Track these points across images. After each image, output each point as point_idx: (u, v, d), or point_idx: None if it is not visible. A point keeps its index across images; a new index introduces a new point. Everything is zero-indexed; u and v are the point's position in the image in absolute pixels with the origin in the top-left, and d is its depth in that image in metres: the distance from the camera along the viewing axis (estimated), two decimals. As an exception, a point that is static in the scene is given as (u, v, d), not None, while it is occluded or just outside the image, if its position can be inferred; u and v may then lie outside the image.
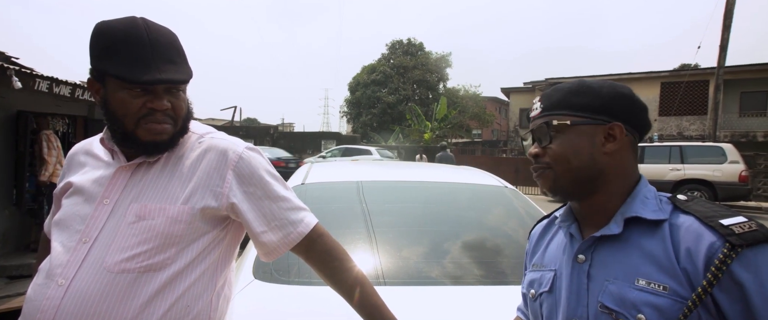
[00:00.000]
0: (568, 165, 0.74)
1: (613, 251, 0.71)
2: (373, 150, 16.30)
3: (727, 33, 11.38)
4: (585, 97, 0.74)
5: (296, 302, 1.26)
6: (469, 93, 29.13)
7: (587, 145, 0.73)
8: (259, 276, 1.36)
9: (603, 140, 0.73)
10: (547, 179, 0.77)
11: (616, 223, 0.71)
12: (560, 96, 0.76)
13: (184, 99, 0.94)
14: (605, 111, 0.73)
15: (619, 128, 0.72)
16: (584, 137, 0.73)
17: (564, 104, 0.75)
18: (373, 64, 29.96)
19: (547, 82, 20.56)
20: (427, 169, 2.45)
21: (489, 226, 1.85)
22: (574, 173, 0.73)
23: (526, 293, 0.88)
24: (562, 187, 0.76)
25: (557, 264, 0.79)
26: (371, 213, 1.79)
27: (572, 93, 0.75)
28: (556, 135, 0.75)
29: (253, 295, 1.28)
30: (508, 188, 2.07)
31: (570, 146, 0.74)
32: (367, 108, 28.50)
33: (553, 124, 0.75)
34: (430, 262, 1.52)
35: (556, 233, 0.85)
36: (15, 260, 4.28)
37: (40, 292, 0.85)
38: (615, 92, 0.74)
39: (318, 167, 2.27)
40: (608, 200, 0.74)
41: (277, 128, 27.19)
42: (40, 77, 3.92)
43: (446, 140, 23.64)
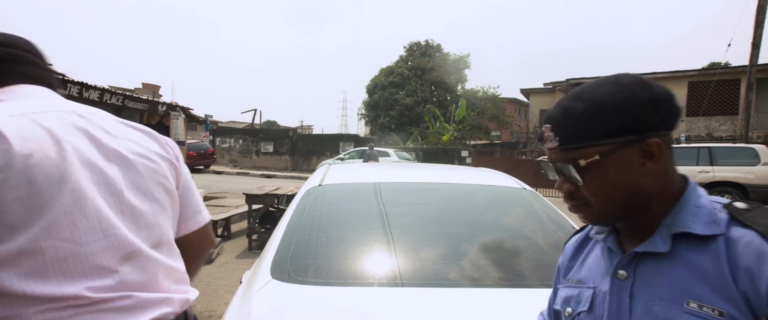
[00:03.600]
0: (611, 201, 0.65)
1: (659, 267, 0.63)
2: (391, 151, 16.31)
3: (759, 29, 10.93)
4: (605, 118, 0.63)
5: (313, 302, 1.27)
6: (487, 94, 28.81)
7: (626, 173, 0.63)
8: (276, 276, 1.37)
9: (640, 160, 0.63)
10: (588, 215, 0.68)
11: (663, 238, 0.63)
12: (576, 124, 0.65)
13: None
14: (633, 127, 0.62)
15: (656, 144, 0.62)
16: (620, 166, 0.63)
17: (584, 134, 0.64)
18: (390, 66, 30.00)
19: (567, 82, 20.15)
20: (444, 171, 2.44)
21: (507, 228, 1.83)
22: (618, 205, 0.65)
23: (560, 310, 0.80)
24: (606, 219, 0.68)
25: (596, 281, 0.72)
26: (388, 215, 1.79)
27: (588, 117, 0.64)
28: (585, 172, 0.65)
29: (271, 295, 1.30)
30: (526, 190, 2.04)
31: (607, 181, 0.64)
32: (385, 110, 28.54)
33: (581, 165, 0.65)
34: (447, 264, 1.51)
35: (593, 246, 0.78)
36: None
37: None
38: (635, 99, 0.63)
39: (335, 168, 2.29)
40: (654, 216, 0.66)
41: (296, 130, 27.52)
42: (71, 82, 4.09)
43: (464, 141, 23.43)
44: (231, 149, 24.55)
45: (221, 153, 24.15)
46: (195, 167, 18.04)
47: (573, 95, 0.67)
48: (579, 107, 0.65)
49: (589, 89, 0.66)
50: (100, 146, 0.83)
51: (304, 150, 22.99)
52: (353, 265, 1.51)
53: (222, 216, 6.31)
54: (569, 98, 0.67)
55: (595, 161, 0.64)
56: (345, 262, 1.51)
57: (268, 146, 23.87)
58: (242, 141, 24.53)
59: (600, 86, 0.65)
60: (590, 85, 0.67)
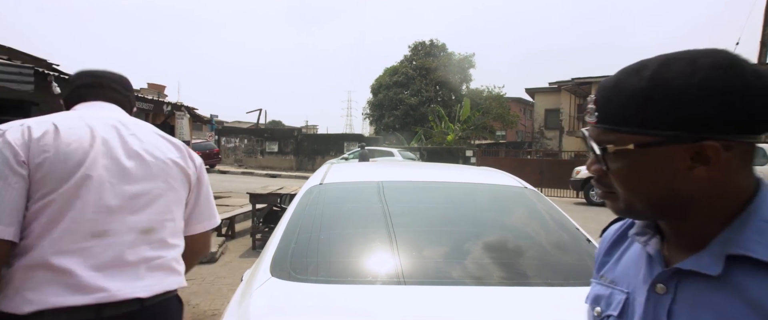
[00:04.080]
0: (639, 198, 0.56)
1: (707, 290, 0.53)
2: (395, 151, 16.32)
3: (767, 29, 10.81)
4: (656, 104, 0.52)
5: (312, 300, 1.28)
6: (492, 94, 28.73)
7: (664, 172, 0.53)
8: (276, 274, 1.38)
9: (689, 162, 0.52)
10: (614, 206, 0.61)
11: (714, 258, 0.52)
12: (621, 103, 0.55)
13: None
14: (692, 123, 0.51)
15: (713, 148, 0.50)
16: (659, 163, 0.53)
17: (626, 117, 0.54)
18: (395, 65, 30.00)
19: (573, 82, 20.04)
20: (445, 170, 2.44)
21: (508, 226, 1.83)
22: (647, 204, 0.56)
23: (589, 308, 0.73)
24: (634, 213, 0.59)
25: (630, 286, 0.64)
26: (389, 213, 1.80)
27: (637, 99, 0.53)
28: (616, 156, 0.56)
29: (270, 293, 1.30)
30: (528, 188, 2.04)
31: (638, 175, 0.55)
32: (390, 110, 28.55)
33: (609, 151, 0.56)
34: (447, 262, 1.51)
35: (632, 242, 0.68)
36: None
37: None
38: (704, 88, 0.50)
39: (336, 167, 2.30)
40: (703, 224, 0.55)
41: (301, 130, 27.62)
42: (77, 83, 4.13)
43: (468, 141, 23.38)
44: (236, 149, 24.67)
45: (226, 153, 24.28)
46: (201, 166, 18.12)
47: (636, 66, 0.56)
48: (633, 83, 0.54)
49: (658, 64, 0.54)
50: (125, 145, 1.11)
51: (308, 150, 23.07)
52: (353, 263, 1.51)
53: (226, 216, 6.35)
54: (629, 69, 0.57)
55: (628, 150, 0.55)
56: (345, 260, 1.52)
57: (273, 146, 23.97)
58: (247, 141, 24.64)
59: (672, 63, 0.53)
60: (662, 59, 0.54)
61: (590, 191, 11.48)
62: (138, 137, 1.13)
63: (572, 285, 1.42)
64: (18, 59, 4.09)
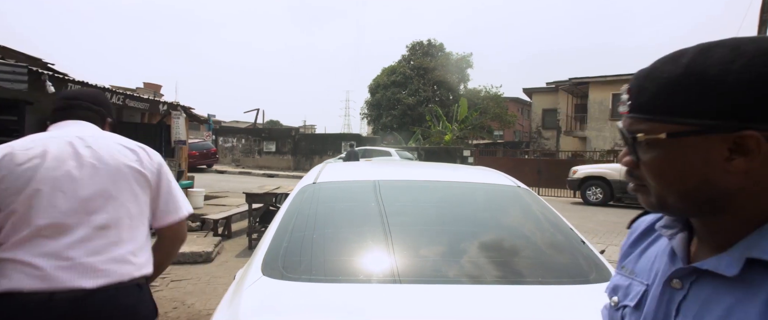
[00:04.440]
0: (670, 190, 0.53)
1: (720, 290, 0.51)
2: (393, 151, 16.33)
3: (764, 28, 10.83)
4: (693, 92, 0.49)
5: (303, 299, 1.28)
6: (490, 94, 28.77)
7: (697, 164, 0.50)
8: (267, 273, 1.38)
9: (727, 154, 0.49)
10: (645, 200, 0.58)
11: (734, 259, 0.50)
12: (654, 91, 0.52)
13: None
14: (730, 112, 0.48)
15: (755, 139, 0.47)
16: (690, 153, 0.51)
17: (658, 104, 0.52)
18: (393, 65, 30.01)
19: (570, 82, 20.09)
20: (439, 169, 2.44)
21: (501, 225, 1.83)
22: (679, 197, 0.53)
23: (608, 297, 0.72)
24: (666, 208, 0.56)
25: (650, 279, 0.63)
26: (382, 213, 1.80)
27: (671, 86, 0.51)
28: (648, 147, 0.54)
29: (261, 291, 1.30)
30: (521, 187, 2.04)
31: (669, 166, 0.52)
32: (388, 110, 28.56)
33: (639, 139, 0.54)
34: (440, 261, 1.51)
35: (658, 236, 0.66)
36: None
37: None
38: (747, 74, 0.47)
39: (330, 166, 2.30)
40: (736, 224, 0.52)
41: (298, 129, 27.59)
42: (72, 82, 4.12)
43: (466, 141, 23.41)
44: (233, 149, 24.63)
45: (224, 153, 24.24)
46: (197, 166, 18.11)
47: (673, 55, 0.53)
48: (668, 70, 0.52)
49: (697, 51, 0.51)
50: (78, 157, 1.29)
51: (306, 150, 23.05)
52: (345, 262, 1.51)
53: (222, 215, 6.34)
54: (666, 57, 0.54)
55: (659, 139, 0.52)
56: (336, 259, 1.52)
57: (271, 146, 23.94)
58: (245, 141, 24.60)
59: (712, 50, 0.50)
60: (702, 46, 0.51)
61: (587, 191, 11.52)
62: (93, 148, 1.32)
63: (563, 284, 1.42)
64: (12, 58, 4.08)
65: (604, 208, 10.78)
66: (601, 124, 18.87)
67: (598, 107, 18.93)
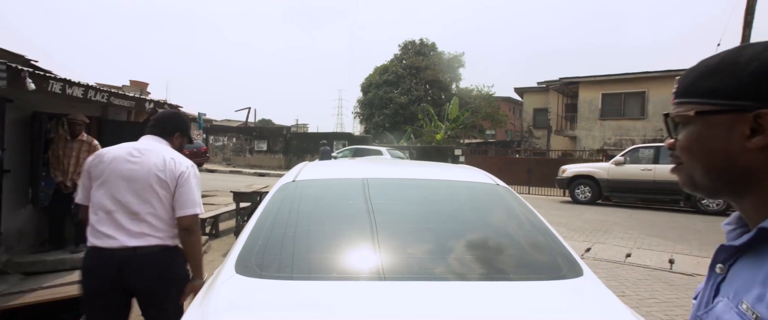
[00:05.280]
0: (697, 163, 0.60)
1: (747, 265, 0.56)
2: (384, 150, 16.31)
3: (748, 29, 11.00)
4: (720, 76, 0.57)
5: (274, 296, 1.27)
6: (482, 93, 28.86)
7: (720, 140, 0.57)
8: (240, 271, 1.37)
9: (747, 132, 0.55)
10: (680, 178, 0.64)
11: (751, 232, 0.56)
12: (692, 78, 0.61)
13: None
14: (749, 93, 0.54)
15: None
16: (715, 130, 0.57)
17: (692, 89, 0.60)
18: (385, 64, 29.97)
19: (560, 81, 20.23)
20: (420, 167, 2.45)
21: (480, 222, 1.84)
22: (706, 171, 0.60)
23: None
24: (695, 185, 0.62)
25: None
26: (359, 210, 1.80)
27: (707, 71, 0.59)
28: (683, 127, 0.62)
29: (232, 289, 1.30)
30: (500, 185, 2.05)
31: (697, 141, 0.60)
32: (380, 109, 28.52)
33: (672, 117, 0.63)
34: (419, 257, 1.51)
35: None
36: (30, 256, 4.42)
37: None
38: (763, 64, 0.54)
39: (311, 165, 2.29)
40: (761, 205, 0.56)
41: (290, 128, 27.44)
42: (54, 79, 4.05)
43: (458, 140, 23.47)
44: (224, 148, 24.44)
45: (214, 151, 24.03)
46: (188, 165, 17.89)
47: (732, 48, 0.60)
48: (708, 61, 0.60)
49: (739, 46, 0.58)
50: (126, 163, 1.97)
51: (297, 148, 22.95)
52: (320, 259, 1.50)
53: (210, 214, 6.29)
54: (725, 50, 0.61)
55: (690, 117, 0.60)
56: (312, 256, 1.51)
57: (262, 145, 23.78)
58: (236, 139, 24.42)
59: (751, 46, 0.57)
60: (745, 44, 0.58)
61: (575, 189, 11.62)
62: (139, 157, 1.98)
63: (537, 280, 1.43)
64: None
65: (593, 206, 10.87)
66: (590, 123, 19.03)
67: (588, 107, 19.08)
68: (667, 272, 4.95)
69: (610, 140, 18.54)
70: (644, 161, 10.58)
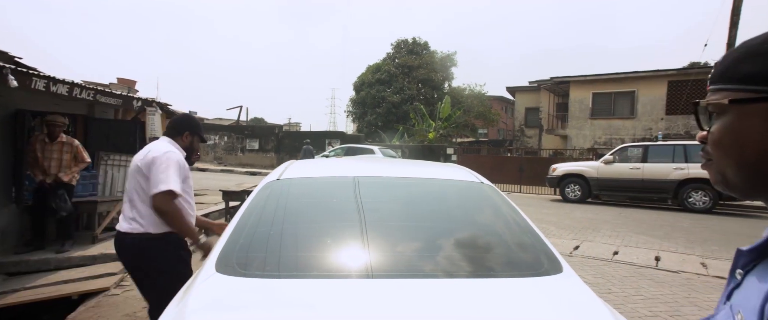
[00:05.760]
0: (729, 158, 0.54)
1: (761, 272, 0.52)
2: (376, 149, 16.30)
3: (734, 30, 11.19)
4: (762, 59, 0.50)
5: (253, 295, 1.26)
6: (474, 92, 28.97)
7: (757, 132, 0.50)
8: (220, 270, 1.36)
9: None
10: (710, 174, 0.58)
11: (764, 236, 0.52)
12: (730, 62, 0.55)
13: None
14: None
15: None
16: (752, 120, 0.51)
17: (729, 73, 0.54)
18: (378, 63, 29.94)
19: (552, 81, 20.38)
20: (406, 165, 2.45)
21: (462, 220, 1.85)
22: (739, 168, 0.53)
23: None
24: (727, 184, 0.56)
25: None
26: (343, 208, 1.79)
27: (748, 53, 0.52)
28: (716, 117, 0.56)
29: (212, 288, 1.28)
30: (484, 183, 2.06)
31: (730, 132, 0.53)
32: (372, 108, 28.50)
33: (708, 108, 0.57)
34: (400, 255, 1.51)
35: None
36: (13, 257, 4.35)
37: None
38: None
39: (296, 163, 2.28)
40: None
41: (282, 127, 27.31)
42: (37, 76, 3.98)
43: (450, 139, 23.55)
44: (215, 146, 24.25)
45: (205, 150, 23.83)
46: (178, 164, 17.75)
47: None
48: (746, 44, 0.54)
49: None
50: (136, 159, 2.28)
51: (289, 147, 22.86)
52: (301, 258, 1.50)
53: (200, 214, 6.22)
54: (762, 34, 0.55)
55: (723, 105, 0.53)
56: (293, 255, 1.51)
57: (254, 143, 23.65)
58: (227, 138, 24.25)
59: None
60: None
61: (565, 188, 11.72)
62: (144, 154, 2.25)
63: (518, 277, 1.44)
64: (-27, 51, 3.92)
65: (582, 205, 10.98)
66: (581, 122, 19.20)
67: (578, 106, 19.25)
68: (652, 269, 5.02)
69: (600, 139, 18.72)
70: (633, 160, 10.71)
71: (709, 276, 4.77)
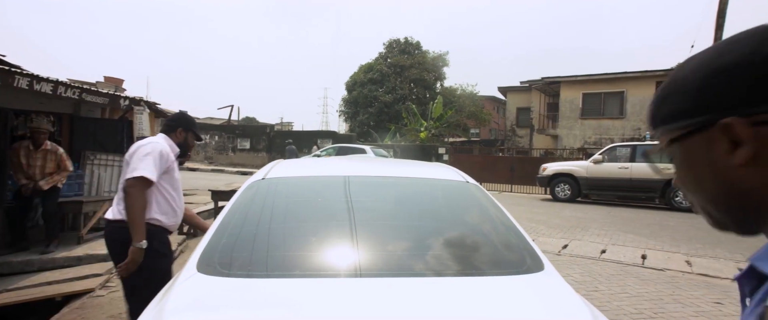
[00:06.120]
0: (699, 197, 0.53)
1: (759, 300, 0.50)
2: (368, 148, 16.29)
3: (719, 32, 11.35)
4: (673, 99, 0.52)
5: (235, 295, 1.26)
6: (466, 92, 29.08)
7: (705, 164, 0.50)
8: (201, 270, 1.36)
9: (727, 147, 0.48)
10: (703, 217, 0.56)
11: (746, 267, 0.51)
12: (655, 103, 0.55)
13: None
14: (702, 107, 0.49)
15: (737, 125, 0.46)
16: (697, 155, 0.51)
17: (658, 116, 0.55)
18: (370, 63, 29.92)
19: (543, 81, 20.54)
20: (392, 165, 2.45)
21: (446, 218, 1.86)
22: (712, 204, 0.52)
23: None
24: (713, 221, 0.54)
25: None
26: (327, 208, 1.79)
27: (661, 98, 0.54)
28: (674, 162, 0.55)
29: (192, 288, 1.28)
30: (470, 183, 2.07)
31: (688, 171, 0.53)
32: (364, 107, 28.48)
33: (648, 153, 0.58)
34: (381, 254, 1.51)
35: None
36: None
37: None
38: (708, 70, 0.49)
39: (282, 163, 2.28)
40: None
41: (274, 126, 27.17)
42: (20, 74, 3.91)
43: (442, 139, 23.62)
44: (206, 146, 24.05)
45: (196, 150, 23.63)
46: (168, 164, 17.58)
47: (678, 64, 0.54)
48: (666, 80, 0.55)
49: (694, 55, 0.53)
50: (128, 153, 2.30)
51: (281, 147, 22.73)
52: (283, 257, 1.49)
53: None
54: (675, 66, 0.54)
55: (666, 148, 0.54)
56: (275, 254, 1.50)
57: (245, 143, 23.51)
58: (218, 137, 24.06)
59: (687, 61, 0.53)
60: (704, 49, 0.53)
61: (555, 187, 11.82)
62: (133, 147, 2.29)
63: (500, 275, 1.45)
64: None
65: (572, 204, 11.08)
66: (571, 122, 19.39)
67: (569, 106, 19.43)
68: (639, 267, 5.09)
69: (590, 138, 18.92)
70: (621, 159, 10.84)
71: (693, 274, 4.85)
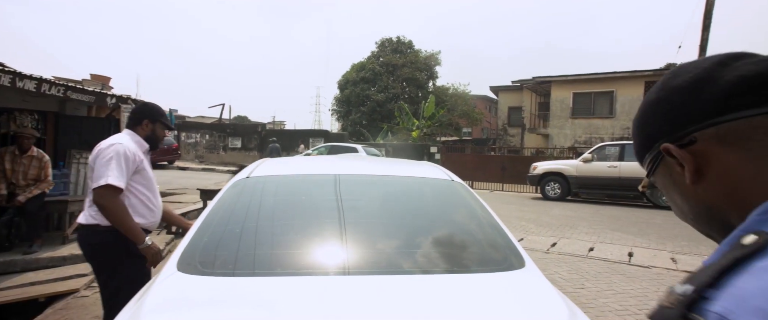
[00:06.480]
0: (683, 216, 0.58)
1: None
2: (359, 147, 16.27)
3: (706, 33, 11.53)
4: (635, 138, 0.59)
5: (215, 293, 1.25)
6: (458, 91, 29.17)
7: (674, 189, 0.55)
8: (182, 269, 1.35)
9: (680, 170, 0.52)
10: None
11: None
12: (634, 141, 0.61)
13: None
14: (651, 138, 0.55)
15: (672, 149, 0.51)
16: (666, 182, 0.56)
17: (636, 150, 0.61)
18: (362, 62, 29.87)
19: (534, 80, 20.68)
20: (378, 163, 2.46)
21: (433, 216, 1.86)
22: (693, 221, 0.57)
23: None
24: (707, 235, 0.57)
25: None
26: (311, 206, 1.79)
27: (634, 131, 0.60)
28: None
29: (171, 287, 1.27)
30: (454, 181, 2.08)
31: (668, 197, 0.58)
32: (357, 106, 28.44)
33: (646, 184, 0.63)
34: (362, 252, 1.51)
35: None
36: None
37: None
38: (645, 107, 0.56)
39: (268, 161, 2.27)
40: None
41: (265, 125, 27.01)
42: (2, 71, 3.85)
43: (434, 138, 23.68)
44: (197, 145, 23.84)
45: (186, 149, 23.42)
46: (158, 162, 17.40)
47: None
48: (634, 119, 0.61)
49: (651, 89, 0.59)
50: (92, 154, 2.20)
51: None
52: (265, 256, 1.49)
53: (177, 213, 6.12)
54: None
55: (650, 179, 0.60)
56: (257, 253, 1.49)
57: (236, 142, 23.35)
58: (209, 136, 23.86)
59: (657, 84, 0.58)
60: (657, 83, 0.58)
61: (546, 186, 11.92)
62: (96, 148, 2.19)
63: (482, 272, 1.46)
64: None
65: (562, 203, 11.18)
66: (562, 122, 19.55)
67: (559, 105, 19.59)
68: (625, 264, 5.15)
69: (580, 137, 19.10)
70: (610, 158, 10.96)
71: (678, 271, 4.93)
